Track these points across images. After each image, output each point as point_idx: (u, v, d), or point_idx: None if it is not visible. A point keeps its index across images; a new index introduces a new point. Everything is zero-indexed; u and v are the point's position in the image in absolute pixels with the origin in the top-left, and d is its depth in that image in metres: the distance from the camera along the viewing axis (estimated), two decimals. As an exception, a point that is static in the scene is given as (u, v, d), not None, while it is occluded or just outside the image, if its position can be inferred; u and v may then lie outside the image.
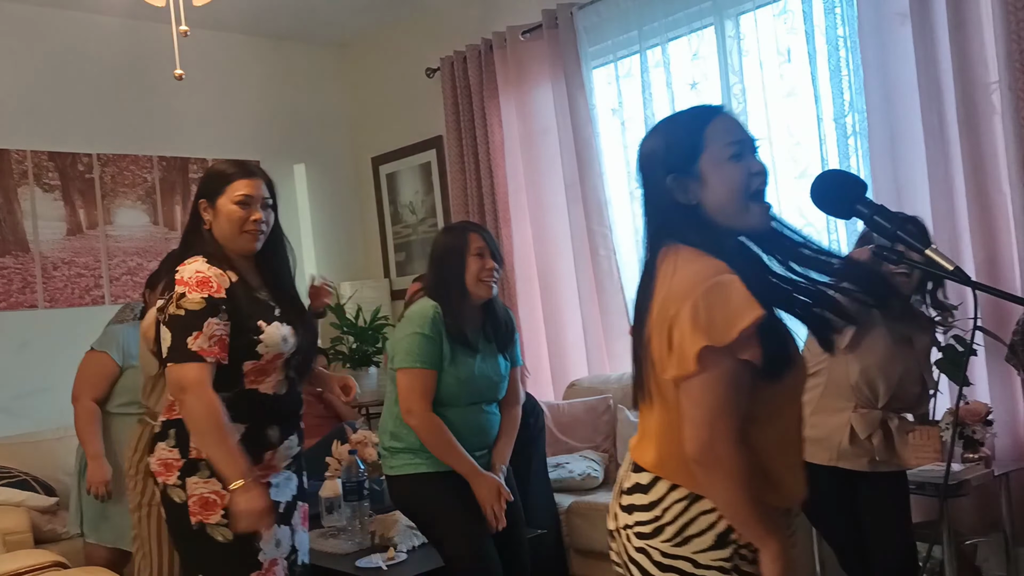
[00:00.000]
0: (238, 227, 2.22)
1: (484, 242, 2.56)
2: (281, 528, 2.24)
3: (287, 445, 2.27)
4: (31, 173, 4.51)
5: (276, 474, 2.27)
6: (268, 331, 2.19)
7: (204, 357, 2.11)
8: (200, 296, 2.12)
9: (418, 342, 2.49)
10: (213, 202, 2.24)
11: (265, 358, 2.19)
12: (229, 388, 2.17)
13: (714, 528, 1.44)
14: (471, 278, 2.53)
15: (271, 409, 2.24)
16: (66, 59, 4.64)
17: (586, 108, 4.24)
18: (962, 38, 3.08)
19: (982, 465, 2.88)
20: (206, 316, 2.11)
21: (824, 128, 3.50)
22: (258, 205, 2.26)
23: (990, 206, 3.08)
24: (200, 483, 2.15)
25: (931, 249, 1.39)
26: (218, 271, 2.18)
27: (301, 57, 5.54)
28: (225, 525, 2.13)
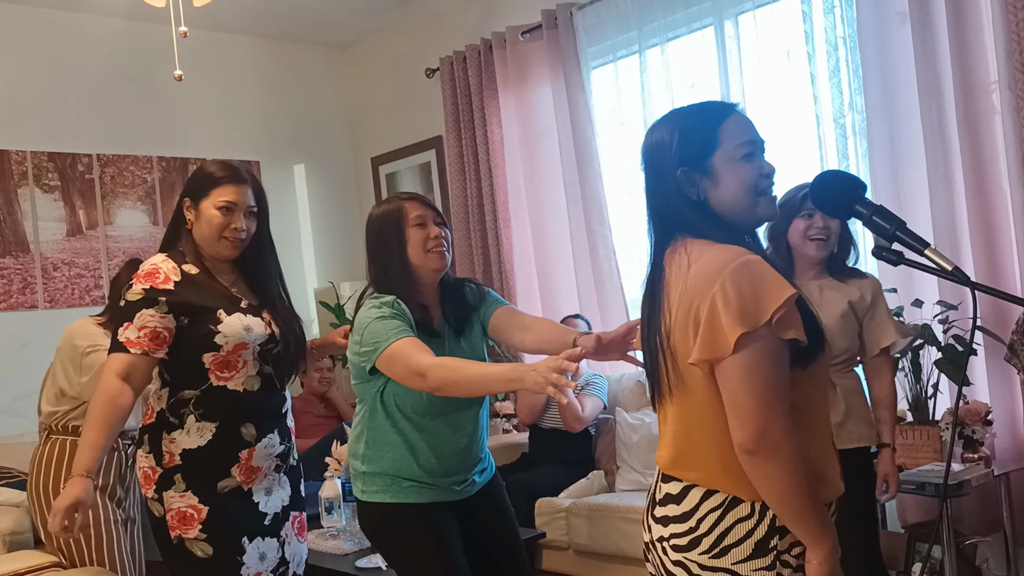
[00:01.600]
0: (217, 233, 2.18)
1: (423, 208, 2.16)
2: (266, 541, 2.19)
3: (266, 444, 2.20)
4: (31, 174, 4.52)
5: (262, 481, 2.20)
6: (227, 320, 2.13)
7: (128, 348, 2.08)
8: (141, 287, 2.10)
9: (382, 322, 2.02)
10: (197, 203, 2.20)
11: (225, 349, 2.13)
12: (196, 385, 2.14)
13: (752, 536, 1.38)
14: (415, 251, 2.13)
15: (243, 406, 2.17)
16: (66, 60, 4.64)
17: (586, 108, 4.24)
18: (962, 38, 3.08)
19: (982, 465, 2.88)
20: (140, 307, 2.09)
21: (823, 128, 3.50)
22: (241, 213, 2.20)
23: (990, 206, 3.08)
24: (176, 497, 2.12)
25: (930, 249, 1.38)
26: (172, 265, 2.14)
27: (301, 58, 5.54)
28: (204, 539, 2.10)
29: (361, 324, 2.06)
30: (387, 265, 2.15)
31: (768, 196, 1.47)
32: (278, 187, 5.36)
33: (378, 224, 2.18)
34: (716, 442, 1.39)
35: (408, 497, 2.10)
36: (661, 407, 1.52)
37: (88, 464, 2.03)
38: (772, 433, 1.32)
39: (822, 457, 1.44)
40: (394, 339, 1.98)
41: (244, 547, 2.14)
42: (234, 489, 2.16)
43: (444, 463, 2.12)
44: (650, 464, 3.70)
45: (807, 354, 1.40)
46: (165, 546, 2.14)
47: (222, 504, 2.13)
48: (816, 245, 2.49)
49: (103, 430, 2.05)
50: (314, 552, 3.10)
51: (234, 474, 2.16)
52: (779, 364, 1.35)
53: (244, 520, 2.16)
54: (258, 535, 2.18)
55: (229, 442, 2.15)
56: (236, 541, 2.14)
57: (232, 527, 2.14)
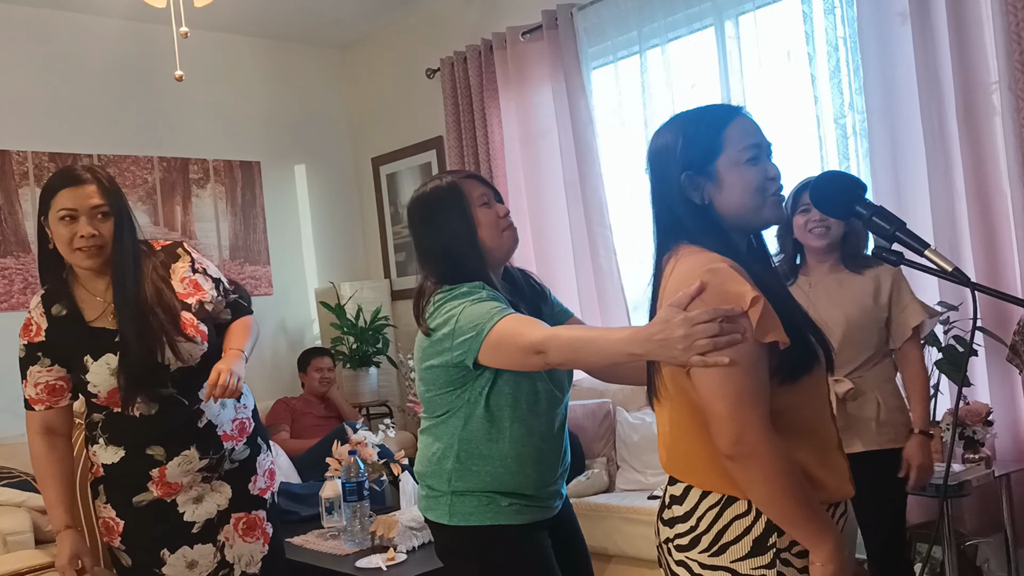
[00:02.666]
0: (67, 245, 2.03)
1: (484, 185, 1.94)
2: (196, 548, 2.16)
3: (181, 462, 2.13)
4: (32, 174, 4.52)
5: (187, 492, 2.16)
6: (94, 368, 2.06)
7: (33, 406, 2.11)
8: (22, 343, 2.11)
9: (478, 305, 1.75)
10: (47, 220, 2.06)
11: (101, 396, 2.09)
12: (100, 410, 2.14)
13: (749, 533, 1.38)
14: (489, 233, 1.88)
15: (145, 430, 2.11)
16: (67, 60, 4.64)
17: (586, 109, 4.25)
18: (962, 38, 3.08)
19: (983, 466, 2.88)
20: (27, 364, 2.10)
21: (824, 129, 3.50)
22: (85, 217, 2.02)
23: (990, 206, 3.08)
24: (101, 506, 2.17)
25: (930, 250, 1.39)
26: (41, 310, 2.11)
27: (301, 58, 5.54)
28: (125, 551, 2.15)
29: (449, 316, 1.77)
30: (456, 254, 1.86)
31: (775, 198, 1.47)
32: (279, 187, 5.37)
33: (435, 209, 1.89)
34: (705, 443, 1.39)
35: (510, 518, 1.85)
36: (658, 409, 1.52)
37: (63, 519, 2.09)
38: (748, 438, 1.32)
39: (818, 459, 1.42)
40: (497, 318, 1.70)
41: (164, 559, 2.14)
42: (153, 501, 2.14)
43: (545, 470, 1.89)
44: (650, 464, 3.70)
45: (803, 364, 1.39)
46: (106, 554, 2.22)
47: (138, 517, 2.14)
48: (816, 235, 2.52)
49: (58, 485, 2.10)
50: (314, 552, 3.10)
51: (151, 489, 2.14)
52: (753, 369, 1.34)
53: (164, 532, 2.15)
54: (184, 544, 2.15)
55: (139, 462, 2.13)
56: (154, 553, 2.14)
57: (150, 540, 2.14)
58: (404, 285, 5.45)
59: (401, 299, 5.46)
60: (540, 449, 1.87)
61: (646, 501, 3.45)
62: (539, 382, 1.84)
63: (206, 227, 5.08)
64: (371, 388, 5.09)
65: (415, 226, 1.93)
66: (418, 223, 1.92)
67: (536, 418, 1.85)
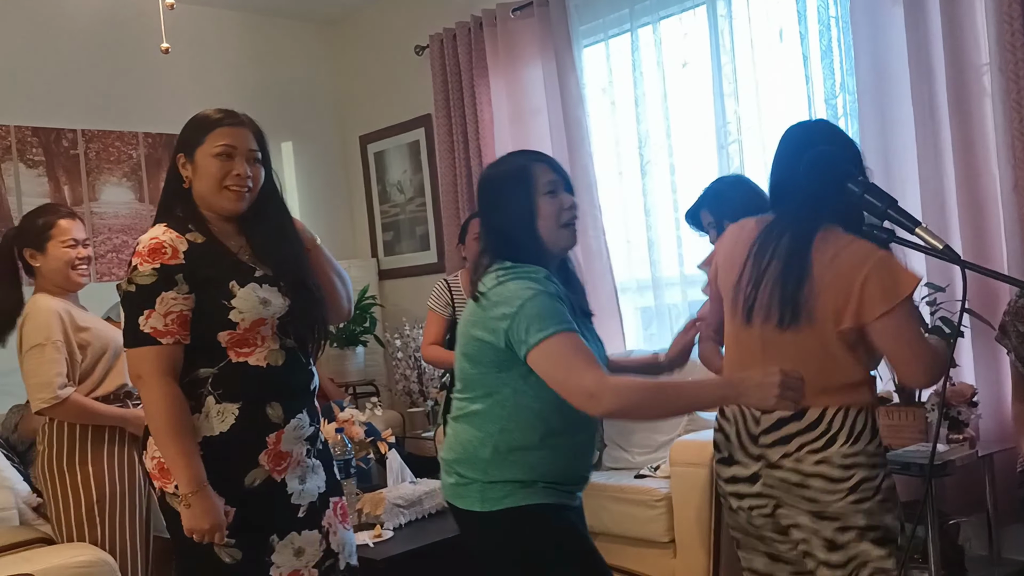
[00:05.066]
0: (217, 183, 1.93)
1: (555, 172, 1.87)
2: (303, 534, 1.98)
3: (295, 425, 1.98)
4: (15, 149, 4.46)
5: (294, 469, 1.98)
6: (241, 294, 1.90)
7: (159, 339, 1.86)
8: (151, 267, 1.86)
9: (549, 301, 1.72)
10: (192, 155, 1.95)
11: (242, 326, 1.91)
12: (212, 363, 1.92)
13: (867, 425, 1.85)
14: (547, 225, 1.82)
15: (266, 384, 1.95)
16: (50, 33, 4.57)
17: (576, 87, 4.22)
18: (954, 20, 3.07)
19: (967, 446, 2.90)
20: (159, 290, 1.86)
21: (815, 109, 3.50)
22: (243, 158, 1.95)
23: (979, 187, 3.09)
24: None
25: (921, 228, 1.38)
26: (175, 235, 1.91)
27: (289, 33, 5.48)
28: (234, 545, 1.90)
29: (515, 296, 1.71)
30: (514, 237, 1.82)
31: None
32: (266, 164, 5.32)
33: (500, 188, 1.85)
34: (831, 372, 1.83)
35: (543, 498, 1.80)
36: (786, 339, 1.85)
37: (203, 473, 1.86)
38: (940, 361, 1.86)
39: None
40: (562, 330, 1.67)
41: (273, 546, 1.95)
42: (264, 481, 1.95)
43: (580, 460, 1.87)
44: (637, 443, 3.70)
45: None
46: (185, 547, 1.93)
47: (251, 503, 1.93)
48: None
49: (179, 435, 1.86)
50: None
51: (262, 462, 1.94)
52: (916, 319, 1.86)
53: (277, 516, 1.97)
54: (292, 530, 1.97)
55: (254, 425, 1.93)
56: (264, 541, 1.95)
57: (262, 526, 1.94)
58: (391, 264, 5.43)
59: (388, 278, 5.44)
60: (578, 439, 1.83)
61: (633, 480, 3.46)
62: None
63: (192, 204, 5.03)
64: (358, 367, 5.08)
65: (481, 201, 1.92)
66: (484, 199, 1.91)
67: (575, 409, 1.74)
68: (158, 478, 1.95)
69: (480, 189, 1.93)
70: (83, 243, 2.77)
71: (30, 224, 2.78)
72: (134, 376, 1.91)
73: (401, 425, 4.79)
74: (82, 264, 2.76)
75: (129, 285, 1.89)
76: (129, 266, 1.92)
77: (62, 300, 2.76)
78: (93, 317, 2.85)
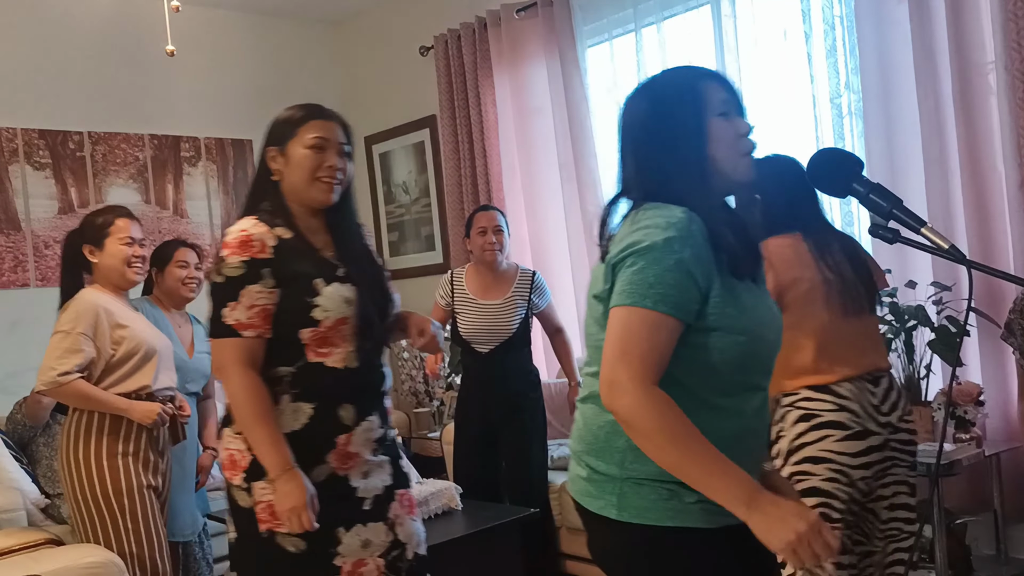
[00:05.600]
0: (310, 174, 1.95)
1: (726, 92, 1.49)
2: (369, 526, 1.98)
3: (366, 427, 1.98)
4: (22, 151, 4.48)
5: (360, 466, 1.98)
6: (326, 292, 1.91)
7: (240, 332, 1.87)
8: (239, 259, 1.87)
9: (654, 268, 1.35)
10: (284, 148, 1.98)
11: (325, 324, 1.91)
12: (291, 362, 1.92)
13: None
14: (725, 151, 1.46)
15: (342, 385, 1.95)
16: (57, 36, 4.59)
17: (581, 87, 4.22)
18: (959, 18, 3.06)
19: (973, 445, 2.89)
20: (244, 283, 1.87)
21: (819, 108, 3.49)
22: (334, 151, 1.98)
23: (985, 186, 3.08)
24: (268, 489, 1.89)
25: (927, 228, 1.38)
26: (264, 228, 1.91)
27: (294, 35, 5.49)
28: (298, 534, 1.89)
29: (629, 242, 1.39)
30: (670, 169, 1.45)
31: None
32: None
33: (659, 110, 1.48)
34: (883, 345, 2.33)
35: (696, 519, 1.40)
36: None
37: (289, 457, 1.86)
38: None
39: None
40: (646, 306, 1.34)
41: (339, 538, 1.95)
42: (329, 477, 1.95)
43: (744, 456, 1.42)
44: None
45: None
46: (248, 538, 1.94)
47: (316, 495, 1.91)
48: None
49: (264, 422, 1.87)
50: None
51: (329, 460, 1.95)
52: None
53: (340, 509, 1.95)
54: (358, 522, 1.97)
55: (326, 426, 1.94)
56: (330, 533, 1.94)
57: (327, 518, 1.92)
58: (397, 265, 5.44)
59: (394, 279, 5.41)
60: (741, 427, 1.44)
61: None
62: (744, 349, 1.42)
63: (198, 205, 5.05)
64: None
65: (627, 126, 1.52)
66: (632, 124, 1.51)
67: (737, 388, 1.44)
68: (227, 468, 1.96)
69: (627, 112, 1.52)
70: (140, 242, 2.83)
71: (91, 221, 2.85)
72: (216, 367, 1.93)
73: (407, 426, 4.80)
74: (137, 262, 2.82)
75: (218, 276, 1.90)
76: (217, 257, 1.92)
77: (110, 296, 2.80)
78: (139, 318, 2.89)
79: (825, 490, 2.08)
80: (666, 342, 1.35)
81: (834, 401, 2.09)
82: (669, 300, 1.34)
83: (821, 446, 2.09)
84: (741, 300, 1.41)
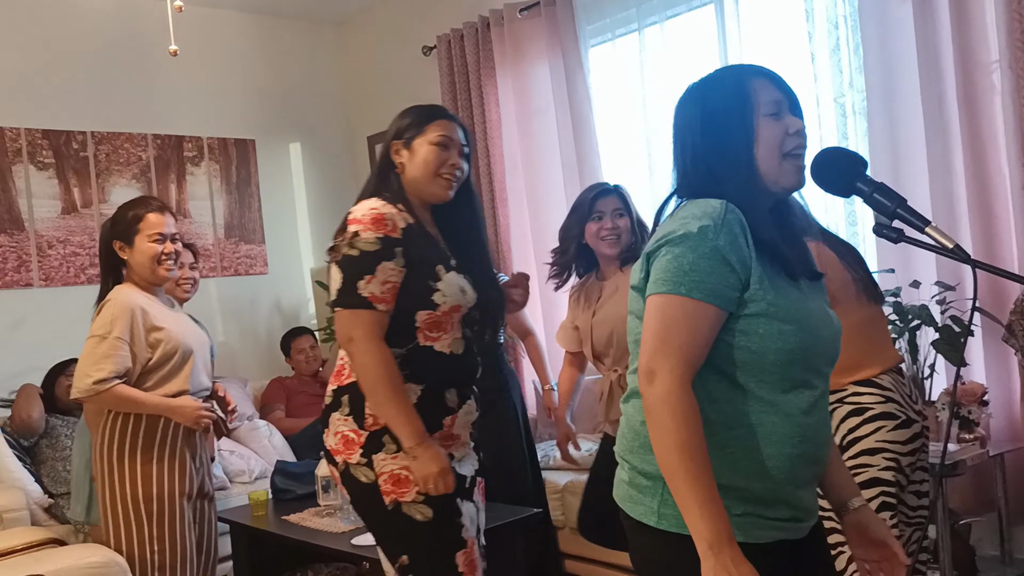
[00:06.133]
0: (434, 171, 2.04)
1: (778, 90, 1.47)
2: (465, 504, 2.03)
3: (466, 410, 2.06)
4: (25, 151, 4.48)
5: (458, 449, 2.05)
6: (447, 279, 1.98)
7: (375, 304, 1.92)
8: (375, 236, 1.93)
9: (689, 255, 1.33)
10: (409, 143, 2.08)
11: (441, 309, 1.97)
12: (402, 343, 1.98)
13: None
14: (768, 154, 1.42)
15: (448, 369, 2.02)
16: (60, 36, 4.60)
17: (584, 87, 4.22)
18: (963, 17, 3.06)
19: (977, 445, 2.89)
20: (380, 259, 1.92)
21: (823, 108, 3.49)
22: (456, 150, 2.07)
23: (989, 186, 3.07)
24: (388, 459, 1.94)
25: (931, 227, 1.38)
26: (394, 209, 1.98)
27: (296, 35, 5.50)
28: (423, 502, 1.94)
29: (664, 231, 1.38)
30: (718, 170, 1.43)
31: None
32: (273, 165, 5.33)
33: (707, 108, 1.45)
34: None
35: (741, 533, 1.32)
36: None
37: (418, 427, 1.91)
38: None
39: None
40: (693, 296, 1.32)
41: (460, 508, 2.00)
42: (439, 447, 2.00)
43: (797, 463, 1.38)
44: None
45: None
46: (376, 514, 1.98)
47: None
48: (608, 243, 2.76)
49: (398, 393, 1.92)
50: (310, 530, 3.11)
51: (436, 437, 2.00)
52: None
53: (456, 480, 1.99)
54: (466, 498, 2.03)
55: (432, 407, 2.00)
56: (453, 502, 1.99)
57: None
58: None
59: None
60: (792, 430, 1.37)
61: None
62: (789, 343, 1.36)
63: (200, 205, 5.05)
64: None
65: (679, 128, 1.50)
66: (684, 124, 1.49)
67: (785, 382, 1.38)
68: (341, 452, 1.99)
69: (679, 114, 1.50)
70: (172, 238, 2.76)
71: (122, 216, 2.77)
72: (345, 338, 1.95)
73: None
74: (168, 259, 2.74)
75: (351, 249, 1.95)
76: (345, 231, 1.97)
77: (145, 295, 2.73)
78: (175, 315, 2.81)
79: (885, 479, 2.10)
80: (705, 330, 1.33)
81: (880, 393, 2.14)
82: (705, 287, 1.32)
83: (876, 437, 2.12)
84: (785, 291, 1.38)
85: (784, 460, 1.36)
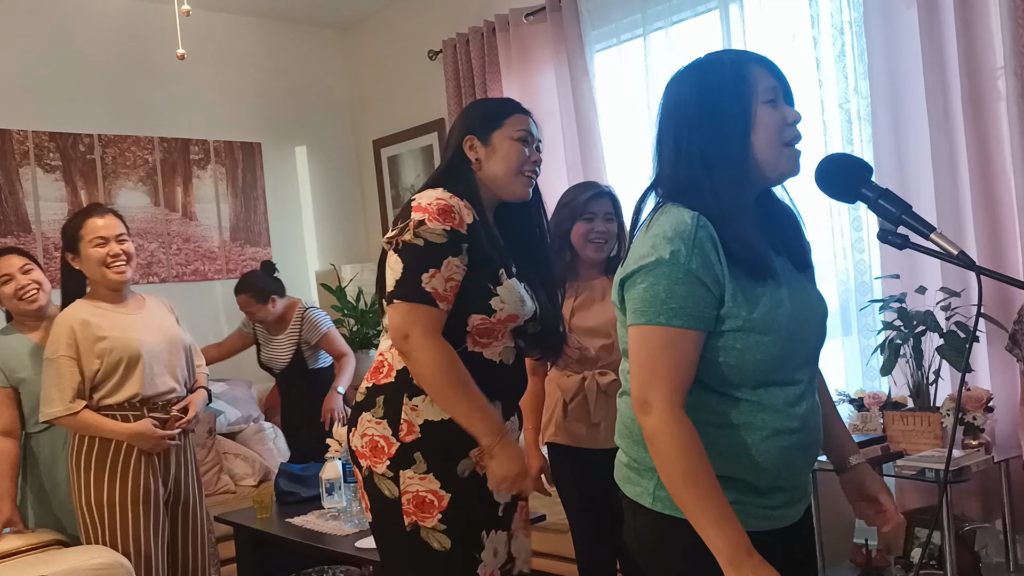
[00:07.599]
0: (516, 167, 1.88)
1: (774, 78, 1.44)
2: (498, 534, 1.89)
3: (510, 427, 1.91)
4: (32, 154, 4.50)
5: None
6: (507, 284, 1.83)
7: (437, 301, 1.76)
8: (442, 228, 1.76)
9: (664, 282, 1.34)
10: (486, 138, 1.90)
11: (497, 316, 1.82)
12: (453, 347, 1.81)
13: None
14: (765, 143, 1.40)
15: (496, 379, 1.86)
16: (68, 39, 4.62)
17: (589, 92, 4.22)
18: (968, 23, 3.06)
19: (982, 451, 2.88)
20: (446, 253, 1.76)
21: (828, 113, 3.49)
22: (535, 145, 1.93)
23: (994, 192, 3.07)
24: (416, 479, 1.79)
25: (936, 233, 1.38)
26: (461, 202, 1.82)
27: (303, 39, 5.51)
28: (444, 531, 1.80)
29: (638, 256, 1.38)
30: (711, 161, 1.38)
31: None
32: (280, 169, 5.35)
33: (701, 92, 1.41)
34: None
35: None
36: None
37: (495, 423, 1.77)
38: None
39: None
40: (659, 323, 1.34)
41: (483, 542, 1.85)
42: (472, 472, 1.85)
43: (788, 452, 1.40)
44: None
45: None
46: (391, 530, 1.84)
47: (464, 491, 1.82)
48: (595, 247, 2.60)
49: (469, 388, 1.76)
50: (314, 532, 3.11)
51: (472, 455, 1.84)
52: None
53: (483, 510, 1.87)
54: (493, 527, 1.87)
55: None
56: (476, 535, 1.85)
57: (474, 519, 1.84)
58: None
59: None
60: (782, 423, 1.39)
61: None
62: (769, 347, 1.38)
63: (206, 208, 5.07)
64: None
65: (669, 109, 1.45)
66: (676, 106, 1.44)
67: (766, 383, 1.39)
68: (367, 457, 1.85)
69: (670, 95, 1.45)
70: (116, 239, 2.74)
71: (66, 228, 2.80)
72: (400, 335, 1.77)
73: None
74: (116, 261, 2.73)
75: (416, 239, 1.77)
76: (409, 220, 1.80)
77: (95, 305, 2.75)
78: (132, 317, 2.79)
79: None
80: (691, 353, 1.36)
81: None
82: (684, 313, 1.34)
83: None
84: (759, 301, 1.37)
85: (777, 452, 1.40)
